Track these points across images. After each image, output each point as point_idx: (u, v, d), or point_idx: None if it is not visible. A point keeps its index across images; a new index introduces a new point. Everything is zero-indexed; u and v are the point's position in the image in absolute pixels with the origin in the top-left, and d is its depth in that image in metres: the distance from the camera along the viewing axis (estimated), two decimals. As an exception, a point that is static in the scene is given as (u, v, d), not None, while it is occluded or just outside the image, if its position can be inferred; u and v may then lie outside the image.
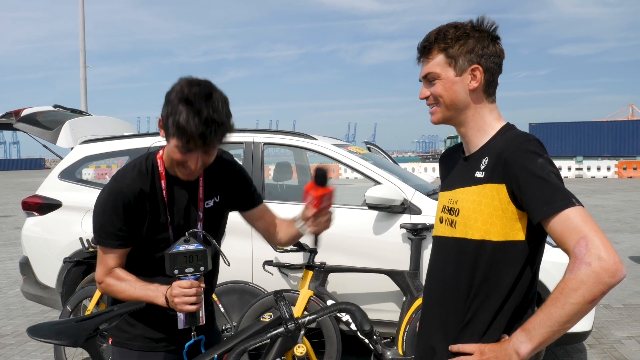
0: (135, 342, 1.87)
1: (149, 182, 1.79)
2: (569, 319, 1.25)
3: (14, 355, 4.43)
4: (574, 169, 28.53)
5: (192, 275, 1.69)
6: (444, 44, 1.47)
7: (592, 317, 3.74)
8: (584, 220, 1.25)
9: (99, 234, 1.79)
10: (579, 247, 1.24)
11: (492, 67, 1.48)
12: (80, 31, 20.88)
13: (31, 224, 4.51)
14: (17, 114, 4.71)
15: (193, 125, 1.60)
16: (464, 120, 1.51)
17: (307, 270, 3.63)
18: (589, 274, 1.21)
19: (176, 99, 1.63)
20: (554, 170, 1.33)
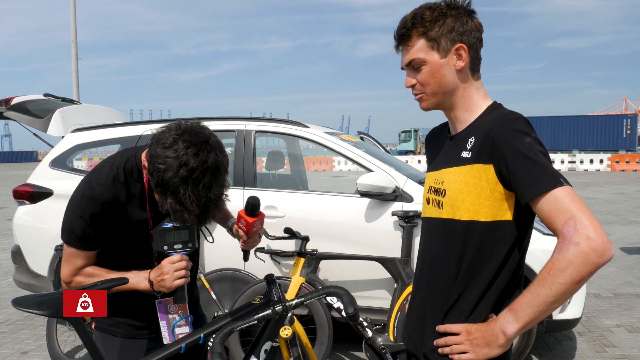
0: (119, 328, 1.86)
1: (124, 189, 1.71)
2: (556, 299, 1.24)
3: (7, 343, 4.43)
4: (567, 162, 28.66)
5: (180, 251, 1.73)
6: (422, 28, 1.43)
7: (582, 305, 3.77)
8: (572, 200, 1.24)
9: (67, 234, 1.71)
10: (567, 227, 1.22)
11: (474, 43, 1.44)
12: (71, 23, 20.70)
13: (22, 212, 4.49)
14: (7, 103, 4.68)
15: (192, 206, 1.53)
16: (454, 103, 1.48)
17: (299, 257, 3.64)
18: (577, 254, 1.20)
19: (177, 164, 1.51)
20: (541, 149, 1.31)
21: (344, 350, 4.15)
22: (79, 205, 1.69)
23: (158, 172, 1.53)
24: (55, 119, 4.56)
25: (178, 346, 1.77)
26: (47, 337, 3.95)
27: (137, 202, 1.74)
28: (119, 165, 1.74)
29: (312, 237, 3.69)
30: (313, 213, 3.91)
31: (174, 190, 1.52)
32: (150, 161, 1.57)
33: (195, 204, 1.53)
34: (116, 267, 1.79)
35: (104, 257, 1.80)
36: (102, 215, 1.69)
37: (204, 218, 1.59)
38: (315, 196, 4.09)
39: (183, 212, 1.55)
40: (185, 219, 1.58)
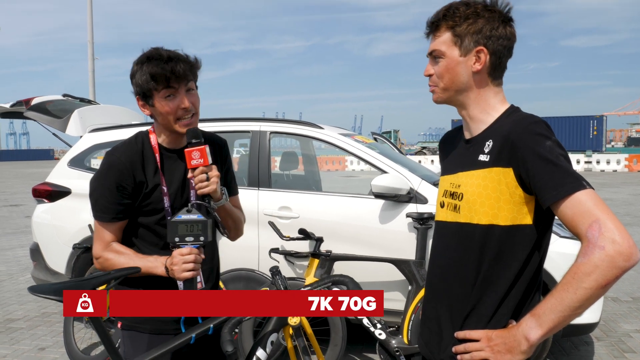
0: (146, 324, 1.89)
1: (140, 154, 1.87)
2: (581, 304, 1.22)
3: (25, 339, 4.50)
4: (583, 162, 28.32)
5: (191, 244, 1.75)
6: (452, 22, 1.43)
7: (600, 309, 3.73)
8: (595, 204, 1.22)
9: (94, 208, 1.87)
10: (591, 231, 1.20)
11: (499, 50, 1.42)
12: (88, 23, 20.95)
13: (41, 211, 4.56)
14: (27, 103, 4.75)
15: (160, 67, 1.76)
16: (466, 102, 1.47)
17: (313, 258, 3.65)
18: (603, 258, 1.18)
19: (138, 65, 1.81)
20: (562, 152, 1.29)
21: (357, 352, 4.15)
22: (100, 175, 1.85)
23: (135, 88, 1.83)
24: (74, 119, 4.62)
25: (188, 336, 1.80)
26: (64, 333, 4.00)
27: (151, 167, 1.87)
28: (131, 138, 1.94)
29: (326, 238, 3.70)
30: (327, 214, 3.91)
31: (141, 73, 1.78)
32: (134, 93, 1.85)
33: (160, 62, 1.76)
34: (137, 243, 1.90)
35: (125, 236, 1.91)
36: (123, 181, 1.82)
37: (182, 72, 1.78)
38: (330, 197, 4.10)
39: (166, 79, 1.76)
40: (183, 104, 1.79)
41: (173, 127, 1.85)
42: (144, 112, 1.88)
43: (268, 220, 3.85)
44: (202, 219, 1.75)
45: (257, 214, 3.93)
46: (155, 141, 1.91)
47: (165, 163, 1.90)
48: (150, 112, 1.86)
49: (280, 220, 3.90)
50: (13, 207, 14.37)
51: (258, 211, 3.94)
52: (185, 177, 1.92)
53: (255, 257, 3.95)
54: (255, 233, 3.93)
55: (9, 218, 12.09)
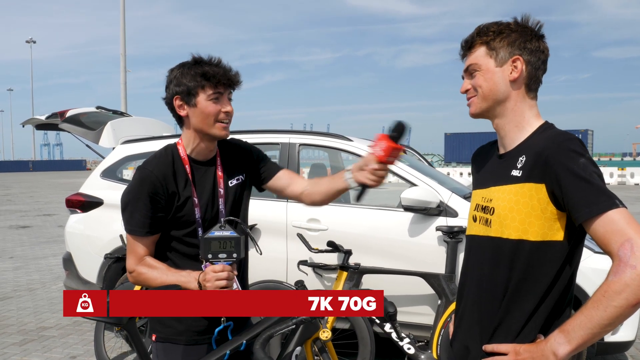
0: (181, 336, 1.90)
1: (171, 166, 1.88)
2: (611, 322, 1.22)
3: (57, 347, 4.58)
4: (617, 175, 27.63)
5: (224, 261, 1.76)
6: (485, 37, 1.47)
7: (635, 326, 3.61)
8: (628, 223, 1.23)
9: (128, 222, 1.87)
10: (623, 250, 1.21)
11: (534, 62, 1.45)
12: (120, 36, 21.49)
13: (74, 221, 4.66)
14: (62, 115, 4.88)
15: (214, 68, 1.83)
16: (502, 113, 1.48)
17: (342, 271, 3.63)
18: (634, 277, 1.19)
19: (182, 68, 1.86)
20: (596, 170, 1.30)
21: (385, 366, 4.10)
22: (134, 189, 1.86)
23: (176, 85, 1.85)
24: (107, 131, 4.72)
25: (222, 352, 1.80)
26: (95, 342, 4.06)
27: (182, 179, 1.89)
28: (161, 151, 1.95)
29: (355, 250, 3.68)
30: (356, 226, 3.90)
31: (192, 72, 1.83)
32: (172, 94, 1.88)
33: (214, 65, 1.84)
34: (169, 257, 1.91)
35: (158, 249, 1.92)
36: (156, 194, 1.83)
37: (234, 77, 1.87)
38: (359, 210, 4.08)
39: (218, 80, 1.82)
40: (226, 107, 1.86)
41: (210, 130, 1.87)
42: (180, 112, 1.88)
43: (297, 233, 3.85)
44: (235, 236, 1.75)
45: (286, 226, 3.94)
46: (185, 153, 1.92)
47: (195, 175, 1.92)
48: (186, 112, 1.87)
49: (309, 232, 3.90)
50: (47, 216, 14.74)
51: (287, 223, 3.95)
52: (215, 188, 1.94)
53: (284, 269, 3.95)
54: (284, 245, 3.94)
55: (42, 227, 12.40)
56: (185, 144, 1.93)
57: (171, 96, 1.88)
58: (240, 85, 1.93)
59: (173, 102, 1.88)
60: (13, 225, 12.74)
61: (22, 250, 9.42)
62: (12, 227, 12.41)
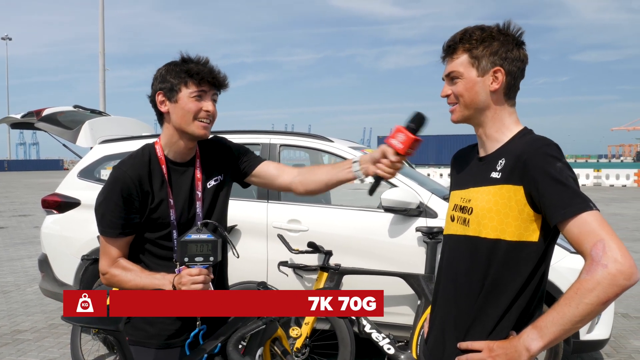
0: (153, 340, 1.88)
1: (147, 167, 1.86)
2: (582, 318, 1.27)
3: (32, 351, 4.49)
4: (592, 176, 28.15)
5: (201, 264, 1.73)
6: (468, 45, 1.49)
7: (610, 325, 3.68)
8: (600, 225, 1.29)
9: (100, 223, 1.84)
10: (595, 250, 1.26)
11: (514, 71, 1.50)
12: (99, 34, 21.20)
13: (50, 221, 4.58)
14: (38, 114, 4.79)
15: (199, 67, 1.83)
16: (483, 121, 1.53)
17: (322, 271, 3.64)
18: (605, 276, 1.24)
19: (169, 66, 1.86)
20: (571, 174, 1.35)
21: (365, 366, 4.11)
22: (107, 189, 1.83)
23: (161, 82, 1.85)
24: (84, 130, 4.65)
25: (200, 356, 1.79)
26: (72, 346, 4.00)
27: (158, 180, 1.86)
28: (137, 151, 1.92)
29: (335, 251, 3.68)
30: (337, 227, 3.90)
31: (177, 69, 1.82)
32: (155, 89, 1.87)
33: (200, 63, 1.84)
34: (143, 259, 1.89)
35: (133, 251, 1.89)
36: (130, 195, 1.80)
37: (218, 76, 1.85)
38: (339, 210, 4.09)
39: (201, 78, 1.81)
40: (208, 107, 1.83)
41: (189, 127, 1.83)
42: (161, 108, 1.86)
43: (277, 233, 3.84)
44: (212, 239, 1.73)
45: (266, 227, 3.93)
46: (162, 153, 1.89)
47: (172, 176, 1.89)
48: (167, 109, 1.85)
49: (290, 233, 3.89)
50: (22, 217, 14.46)
51: (267, 224, 3.93)
52: (192, 190, 1.91)
53: (264, 270, 3.94)
54: (264, 246, 3.92)
55: (17, 228, 12.16)
56: (164, 144, 1.90)
57: (154, 92, 1.86)
58: (227, 87, 1.91)
59: (156, 98, 1.86)
60: (-13, 226, 12.47)
61: (-4, 251, 9.22)
62: (-14, 228, 12.15)
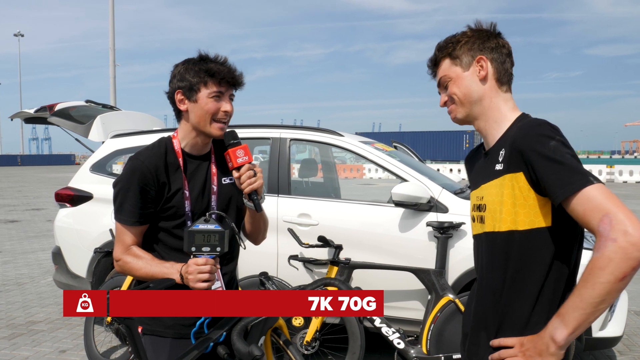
0: (169, 330, 1.90)
1: (163, 158, 1.89)
2: (602, 299, 1.21)
3: (46, 341, 4.56)
4: (605, 173, 27.86)
5: (208, 254, 1.75)
6: (446, 50, 1.55)
7: (623, 322, 3.65)
8: (605, 197, 1.23)
9: (118, 211, 1.88)
10: (603, 225, 1.21)
11: (497, 57, 1.51)
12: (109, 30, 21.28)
13: (63, 215, 4.63)
14: (51, 109, 4.84)
15: (219, 66, 1.84)
16: (481, 113, 1.52)
17: (332, 266, 3.64)
18: (616, 250, 1.18)
19: (187, 64, 1.87)
20: (569, 151, 1.31)
21: (375, 360, 4.11)
22: (125, 178, 1.85)
23: (179, 80, 1.86)
24: (96, 124, 4.69)
25: (205, 345, 1.81)
26: (85, 336, 4.05)
27: (174, 171, 1.89)
28: (154, 143, 1.95)
29: (345, 245, 3.69)
30: (347, 222, 3.90)
31: (196, 68, 1.84)
32: (174, 88, 1.89)
33: (219, 63, 1.85)
34: (157, 248, 1.92)
35: (148, 241, 1.92)
36: (147, 185, 1.83)
37: (237, 77, 1.88)
38: (350, 205, 4.09)
39: (221, 78, 1.83)
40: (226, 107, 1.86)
41: (206, 127, 1.87)
42: (180, 107, 1.89)
43: (287, 227, 3.85)
44: (219, 230, 1.75)
45: (277, 221, 3.94)
46: (179, 146, 1.93)
47: (188, 168, 1.92)
48: (186, 107, 1.88)
49: (300, 227, 3.90)
50: (35, 210, 14.62)
51: (277, 218, 3.95)
52: (207, 182, 1.94)
53: (274, 264, 3.95)
54: (275, 240, 3.94)
55: (31, 222, 12.30)
56: (181, 138, 1.94)
57: (173, 90, 1.89)
58: (243, 86, 1.93)
59: (175, 96, 1.89)
60: (1, 220, 12.63)
61: (10, 244, 9.34)
62: (1, 222, 12.30)
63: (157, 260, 1.86)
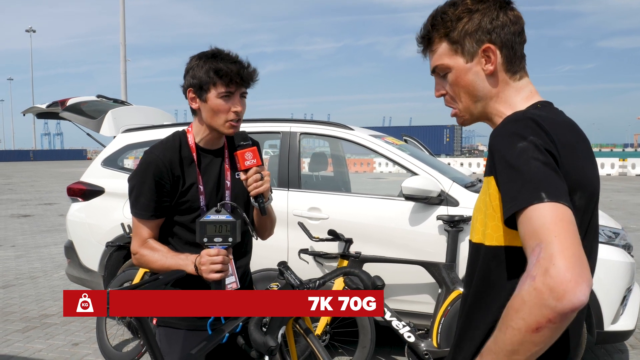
0: (183, 321, 1.92)
1: (177, 152, 1.90)
2: (513, 348, 0.95)
3: (59, 334, 4.61)
4: (617, 166, 27.57)
5: (220, 245, 1.76)
6: (443, 29, 1.23)
7: (635, 315, 3.63)
8: (550, 221, 0.94)
9: (133, 205, 1.89)
10: (531, 257, 0.94)
11: (509, 40, 1.20)
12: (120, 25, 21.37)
13: (75, 209, 4.67)
14: (63, 104, 4.87)
15: (227, 65, 1.82)
16: (490, 112, 1.25)
17: (342, 259, 3.64)
18: (530, 292, 0.91)
19: (200, 60, 1.85)
20: (538, 156, 1.01)
21: (385, 354, 4.12)
22: (140, 173, 1.87)
23: (191, 77, 1.86)
24: (108, 119, 4.72)
25: (221, 335, 1.82)
26: (97, 330, 4.09)
27: (189, 165, 1.91)
28: (169, 137, 1.97)
29: (355, 239, 3.69)
30: (357, 215, 3.90)
31: (205, 68, 1.82)
32: (186, 85, 1.89)
33: (229, 62, 1.83)
34: (172, 240, 1.94)
35: (163, 234, 1.95)
36: (162, 179, 1.85)
37: (247, 75, 1.86)
38: (360, 198, 4.08)
39: (230, 79, 1.82)
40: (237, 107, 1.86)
41: (218, 127, 1.88)
42: (192, 105, 1.91)
43: (298, 221, 3.86)
44: (230, 220, 1.76)
45: (287, 215, 3.95)
46: (193, 140, 1.95)
47: (202, 162, 1.94)
48: (198, 106, 1.89)
49: (310, 221, 3.90)
50: (47, 205, 14.77)
51: (288, 212, 3.95)
52: (220, 177, 1.96)
53: (285, 258, 3.96)
54: (285, 234, 3.95)
55: (43, 216, 12.43)
56: (195, 132, 1.96)
57: (186, 87, 1.90)
58: (256, 83, 1.92)
59: (187, 94, 1.91)
60: (14, 214, 12.77)
61: (23, 238, 9.45)
62: (14, 216, 12.44)
63: (173, 252, 1.88)
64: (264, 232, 2.10)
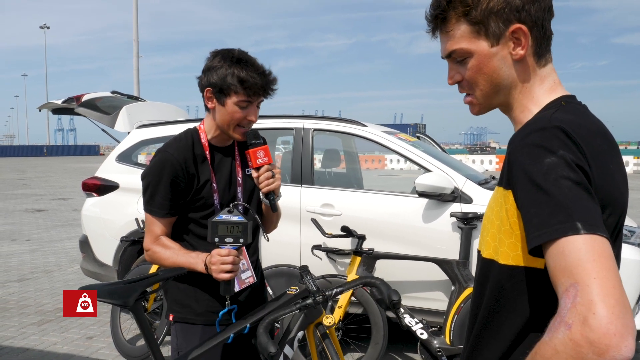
0: (200, 317, 1.93)
1: (191, 150, 1.91)
2: None
3: (74, 328, 4.67)
4: (632, 164, 27.23)
5: (231, 245, 1.77)
6: (462, 7, 1.04)
7: (651, 315, 3.59)
8: (587, 257, 0.81)
9: (148, 203, 1.90)
10: (566, 298, 0.81)
11: (539, 17, 1.03)
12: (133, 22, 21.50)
13: (90, 204, 4.72)
14: (78, 99, 4.92)
15: (253, 77, 1.81)
16: (511, 102, 1.10)
17: (355, 256, 3.64)
18: (566, 342, 0.78)
19: (225, 62, 1.83)
20: (569, 174, 0.88)
21: (398, 351, 4.12)
22: (155, 171, 1.87)
23: (212, 78, 1.83)
24: (122, 115, 4.76)
25: (226, 335, 1.82)
26: (111, 324, 4.13)
27: (202, 163, 1.92)
28: (181, 135, 1.97)
29: (368, 236, 3.69)
30: (370, 212, 3.90)
31: (229, 72, 1.80)
32: (205, 83, 1.87)
33: (254, 72, 1.81)
34: (186, 238, 1.95)
35: (177, 231, 1.96)
36: (177, 177, 1.85)
37: (270, 89, 1.87)
38: (373, 195, 4.08)
39: (253, 91, 1.82)
40: (252, 117, 1.87)
41: (229, 131, 1.91)
42: (207, 104, 1.91)
43: (311, 217, 3.86)
44: (242, 221, 1.76)
45: (300, 211, 3.95)
46: (205, 138, 1.96)
47: (214, 160, 1.95)
48: (213, 106, 1.90)
49: (323, 217, 3.91)
50: (61, 200, 14.92)
51: (301, 208, 3.96)
52: (232, 173, 1.97)
53: (297, 254, 3.97)
54: (298, 230, 3.95)
55: (57, 211, 12.56)
56: (207, 130, 1.97)
57: (205, 85, 1.89)
58: (275, 92, 1.93)
59: (204, 92, 1.91)
60: (29, 209, 12.92)
61: (38, 233, 9.56)
62: (28, 211, 12.59)
63: (184, 250, 1.90)
64: (269, 226, 2.13)
